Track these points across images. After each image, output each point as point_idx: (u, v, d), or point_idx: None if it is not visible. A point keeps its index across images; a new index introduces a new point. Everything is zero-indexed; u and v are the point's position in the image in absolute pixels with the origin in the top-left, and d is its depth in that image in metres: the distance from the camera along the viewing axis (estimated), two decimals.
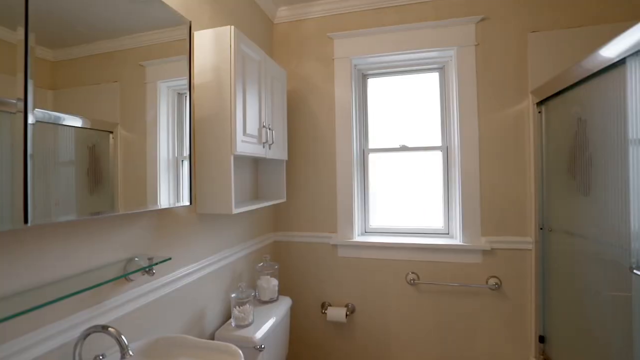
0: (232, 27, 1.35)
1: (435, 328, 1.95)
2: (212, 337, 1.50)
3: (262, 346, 1.41)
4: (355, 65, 2.13)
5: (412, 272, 1.97)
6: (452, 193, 2.02)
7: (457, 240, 1.95)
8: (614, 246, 1.19)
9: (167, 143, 1.15)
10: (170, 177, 1.16)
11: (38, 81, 0.75)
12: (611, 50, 1.12)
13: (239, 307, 1.48)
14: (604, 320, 1.27)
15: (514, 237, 1.83)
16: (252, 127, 1.50)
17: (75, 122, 0.84)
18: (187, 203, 1.24)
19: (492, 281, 1.85)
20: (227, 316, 1.64)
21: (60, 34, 0.81)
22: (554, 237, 1.65)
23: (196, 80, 1.39)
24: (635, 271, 1.01)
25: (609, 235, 1.22)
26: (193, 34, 1.37)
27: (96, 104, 0.90)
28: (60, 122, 0.80)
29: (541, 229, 1.75)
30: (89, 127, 0.88)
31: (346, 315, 2.00)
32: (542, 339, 1.77)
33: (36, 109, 0.73)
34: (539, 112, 1.75)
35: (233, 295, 1.50)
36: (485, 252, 1.87)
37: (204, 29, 1.46)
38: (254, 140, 1.52)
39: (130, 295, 1.07)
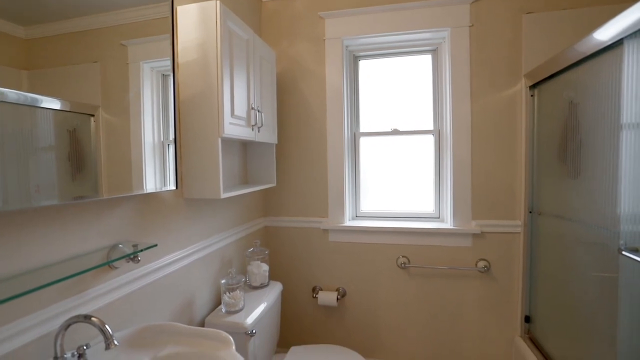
0: (218, 1, 1.27)
1: (425, 310, 1.97)
2: (202, 324, 1.48)
3: (254, 331, 1.39)
4: (346, 47, 2.07)
5: (403, 256, 1.98)
6: (444, 177, 2.01)
7: (447, 224, 1.96)
8: (601, 228, 1.20)
9: (152, 126, 1.10)
10: (156, 161, 1.12)
11: (6, 59, 0.69)
12: (607, 32, 1.09)
13: (229, 293, 1.46)
14: (589, 300, 1.29)
15: (504, 220, 1.85)
16: (241, 108, 1.44)
17: (54, 104, 0.79)
18: (173, 187, 1.20)
19: (481, 264, 1.87)
20: (217, 302, 1.62)
21: (30, 8, 0.74)
22: (543, 220, 1.67)
23: (180, 58, 1.32)
24: (624, 252, 1.02)
25: (597, 218, 1.23)
26: (176, 8, 1.29)
27: (76, 86, 0.85)
28: (37, 105, 0.75)
29: (530, 212, 1.76)
30: (68, 109, 0.83)
31: (337, 299, 2.01)
32: (527, 319, 1.81)
33: (5, 89, 0.67)
34: (532, 96, 1.73)
35: (223, 281, 1.48)
36: (475, 236, 1.88)
37: (187, 3, 1.38)
38: (243, 122, 1.47)
39: (114, 283, 1.04)
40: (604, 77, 1.17)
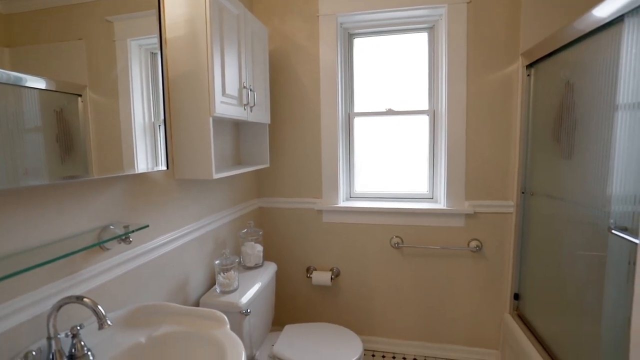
0: None
1: (417, 288, 2.01)
2: (196, 304, 1.49)
3: (248, 311, 1.41)
4: (341, 24, 2.00)
5: (397, 236, 1.99)
6: (438, 157, 2.01)
7: (441, 204, 1.97)
8: (592, 208, 1.22)
9: (141, 106, 1.07)
10: (147, 141, 1.09)
11: None
12: (608, 8, 1.07)
13: (224, 273, 1.47)
14: (576, 278, 1.32)
15: (497, 201, 1.86)
16: (232, 87, 1.41)
17: (39, 83, 0.75)
18: (164, 168, 1.17)
19: (473, 244, 1.90)
20: (212, 283, 1.63)
21: None
22: (535, 200, 1.68)
23: (168, 34, 1.27)
24: (613, 231, 1.04)
25: (588, 197, 1.24)
26: None
27: (61, 64, 0.81)
28: (21, 84, 0.71)
29: (523, 192, 1.78)
30: (54, 89, 0.79)
31: (331, 279, 2.04)
32: (516, 297, 1.86)
33: None
34: (528, 75, 1.71)
35: (217, 261, 1.48)
36: (468, 216, 1.90)
37: None
38: (234, 101, 1.43)
39: (107, 264, 1.03)
40: (601, 56, 1.16)
